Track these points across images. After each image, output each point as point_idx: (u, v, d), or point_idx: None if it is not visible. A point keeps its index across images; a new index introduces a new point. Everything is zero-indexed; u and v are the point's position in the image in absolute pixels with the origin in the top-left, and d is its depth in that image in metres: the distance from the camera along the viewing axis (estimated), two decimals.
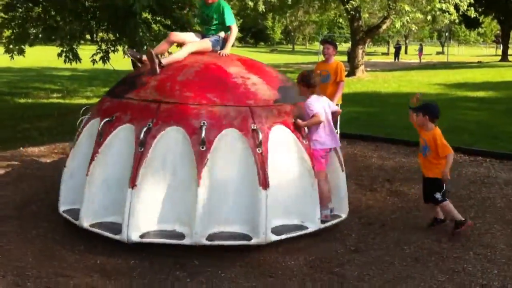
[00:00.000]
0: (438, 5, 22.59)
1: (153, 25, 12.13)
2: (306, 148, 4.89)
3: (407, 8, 22.14)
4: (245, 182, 4.62)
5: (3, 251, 4.55)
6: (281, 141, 4.80)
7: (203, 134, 4.50)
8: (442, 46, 68.47)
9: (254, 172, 4.59)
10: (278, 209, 4.73)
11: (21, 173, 6.69)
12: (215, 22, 5.59)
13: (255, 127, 4.65)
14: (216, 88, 4.86)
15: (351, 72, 25.05)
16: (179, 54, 5.38)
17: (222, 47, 5.61)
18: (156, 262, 4.50)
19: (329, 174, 5.20)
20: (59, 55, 11.21)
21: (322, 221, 4.95)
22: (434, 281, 4.15)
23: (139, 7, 9.33)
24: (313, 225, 4.88)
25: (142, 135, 4.54)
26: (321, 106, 5.07)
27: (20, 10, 12.13)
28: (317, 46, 58.55)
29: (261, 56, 53.24)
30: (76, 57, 11.11)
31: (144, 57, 5.49)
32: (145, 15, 11.50)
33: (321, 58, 8.81)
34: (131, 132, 4.69)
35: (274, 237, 4.63)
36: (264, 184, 4.56)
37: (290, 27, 79.50)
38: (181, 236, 4.58)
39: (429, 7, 23.09)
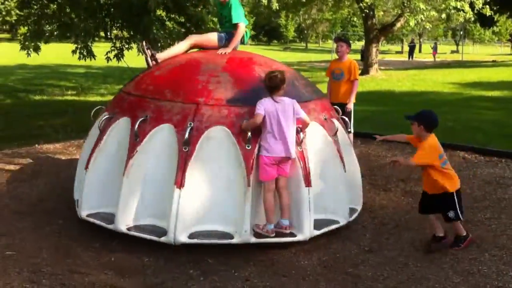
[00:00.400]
0: (453, 3, 22.39)
1: (167, 23, 12.16)
2: (245, 154, 4.59)
3: (421, 6, 21.99)
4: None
5: (18, 247, 4.59)
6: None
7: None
8: (457, 44, 67.97)
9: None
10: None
11: (36, 170, 6.73)
12: (227, 20, 5.58)
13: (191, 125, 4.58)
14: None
15: (365, 71, 24.94)
16: (179, 47, 5.40)
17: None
18: (170, 260, 4.51)
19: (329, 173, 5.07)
20: (74, 52, 11.28)
21: (257, 234, 4.60)
22: (449, 282, 4.12)
23: (153, 4, 9.37)
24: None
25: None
26: (274, 109, 4.54)
27: (35, 7, 12.22)
28: (330, 44, 58.32)
29: (274, 54, 53.18)
30: (91, 54, 11.18)
31: (159, 55, 5.51)
32: (159, 12, 11.54)
33: (334, 56, 8.79)
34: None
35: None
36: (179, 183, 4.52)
37: (303, 25, 79.32)
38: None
39: (443, 5, 22.90)
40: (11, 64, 28.30)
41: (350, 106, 7.23)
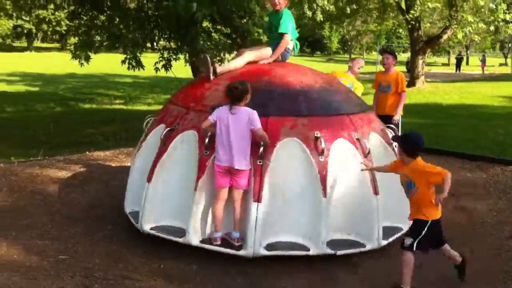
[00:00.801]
0: (501, 15, 21.95)
1: (213, 34, 12.30)
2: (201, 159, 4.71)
3: (469, 18, 21.61)
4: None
5: (71, 252, 4.70)
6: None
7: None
8: (505, 57, 66.24)
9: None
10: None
11: (87, 176, 6.90)
12: (276, 29, 5.59)
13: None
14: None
15: (411, 83, 24.58)
16: (236, 63, 5.41)
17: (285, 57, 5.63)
18: (218, 269, 4.53)
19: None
20: (123, 62, 11.52)
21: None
22: None
23: (200, 16, 9.49)
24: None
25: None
26: (226, 117, 4.54)
27: (85, 18, 12.57)
28: (374, 55, 57.81)
29: (318, 65, 53.05)
30: (139, 65, 11.39)
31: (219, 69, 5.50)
32: (206, 24, 11.68)
33: (379, 68, 8.71)
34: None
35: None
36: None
37: (347, 36, 78.89)
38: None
39: (492, 17, 22.48)
40: (61, 73, 29.15)
41: (397, 118, 7.18)
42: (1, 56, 45.26)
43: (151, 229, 4.87)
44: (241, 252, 4.52)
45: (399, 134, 6.92)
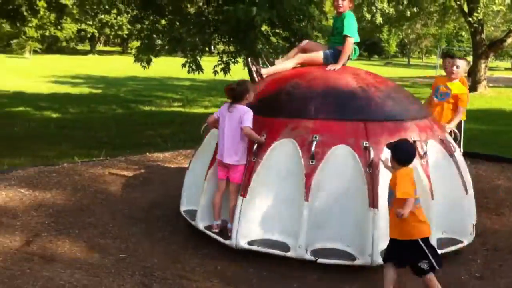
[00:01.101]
0: None
1: (272, 38, 12.36)
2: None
3: None
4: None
5: (132, 251, 4.83)
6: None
7: (313, 148, 4.51)
8: None
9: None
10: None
11: (147, 177, 7.06)
12: (338, 32, 5.53)
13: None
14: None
15: (473, 88, 23.86)
16: (284, 65, 5.42)
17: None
18: (274, 272, 4.55)
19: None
20: (183, 65, 11.74)
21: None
22: None
23: (260, 19, 9.55)
24: None
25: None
26: (225, 115, 4.87)
27: (147, 22, 12.91)
28: (434, 59, 56.51)
29: (375, 69, 52.21)
30: (199, 68, 11.59)
31: (264, 70, 5.57)
32: (265, 27, 11.76)
33: (439, 72, 8.25)
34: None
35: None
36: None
37: (406, 39, 77.41)
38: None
39: None
40: (122, 76, 29.99)
41: (448, 130, 6.11)
42: (65, 59, 47.06)
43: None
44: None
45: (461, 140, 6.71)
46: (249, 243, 4.67)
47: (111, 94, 21.22)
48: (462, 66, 6.44)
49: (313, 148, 4.51)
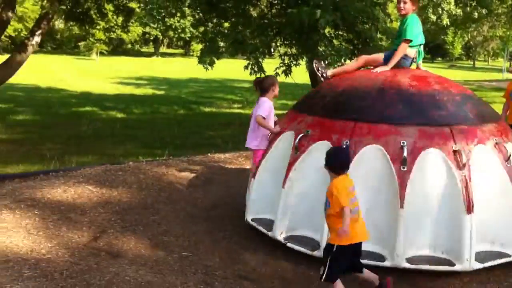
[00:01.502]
0: None
1: (334, 40, 12.25)
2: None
3: None
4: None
5: (193, 249, 4.91)
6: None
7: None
8: None
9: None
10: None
11: (209, 177, 7.16)
12: (398, 36, 5.45)
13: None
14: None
15: None
16: (348, 66, 5.47)
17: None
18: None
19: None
20: (245, 67, 11.80)
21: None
22: None
23: (324, 22, 9.49)
24: None
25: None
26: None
27: (210, 25, 13.08)
28: (501, 62, 54.52)
29: (439, 71, 50.77)
30: (261, 70, 11.62)
31: (329, 72, 5.58)
32: (327, 29, 11.68)
33: (507, 76, 8.05)
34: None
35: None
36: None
37: (471, 42, 75.05)
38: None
39: None
40: (184, 78, 30.54)
41: None
42: (130, 60, 48.41)
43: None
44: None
45: None
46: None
47: (173, 96, 21.65)
48: None
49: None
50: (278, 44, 12.50)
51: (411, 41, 5.27)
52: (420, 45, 5.45)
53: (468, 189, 4.38)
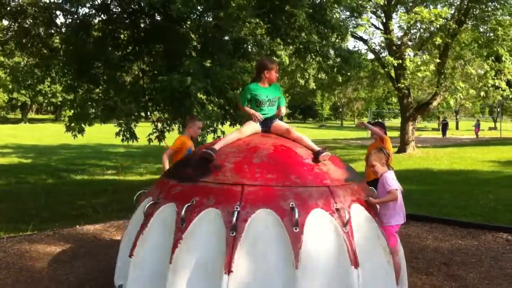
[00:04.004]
0: (490, 81, 22.60)
1: (207, 105, 12.52)
2: (379, 226, 4.87)
3: (461, 84, 22.23)
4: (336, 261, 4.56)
5: None
6: (359, 220, 4.76)
7: (296, 216, 4.45)
8: (495, 121, 67.38)
9: (344, 251, 4.53)
10: None
11: (76, 251, 6.82)
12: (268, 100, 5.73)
13: (338, 207, 4.63)
14: (293, 170, 4.87)
15: (402, 149, 24.89)
16: (232, 136, 5.39)
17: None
18: None
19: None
20: (117, 134, 11.63)
21: None
22: None
23: (194, 89, 9.69)
24: None
25: (234, 219, 4.41)
26: (396, 182, 5.16)
27: (81, 91, 12.84)
28: (366, 121, 58.58)
29: (310, 131, 53.63)
30: (133, 137, 11.52)
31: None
32: (200, 95, 11.93)
33: (370, 133, 8.77)
34: (217, 216, 4.54)
35: None
36: (355, 263, 4.48)
37: (338, 103, 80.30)
38: None
39: (481, 84, 23.13)
40: (54, 144, 29.33)
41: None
42: None
43: None
44: None
45: None
46: None
47: (42, 164, 20.64)
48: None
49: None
50: (151, 109, 12.50)
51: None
52: None
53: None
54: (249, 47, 12.82)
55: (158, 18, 12.48)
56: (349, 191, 4.93)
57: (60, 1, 12.42)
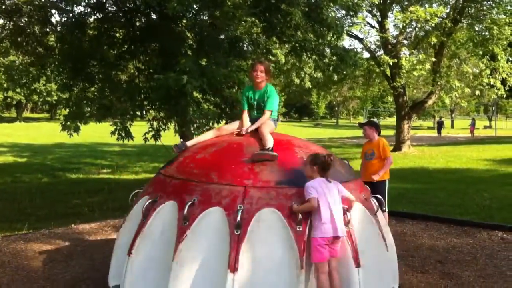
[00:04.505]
0: (485, 80, 22.65)
1: (203, 104, 12.51)
2: (296, 235, 4.49)
3: (457, 83, 22.28)
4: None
5: None
6: (269, 225, 4.57)
7: (238, 218, 4.42)
8: (490, 120, 67.60)
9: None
10: None
11: (72, 251, 6.81)
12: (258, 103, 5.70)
13: (241, 208, 4.52)
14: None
15: (397, 147, 24.92)
16: (270, 136, 5.23)
17: None
18: None
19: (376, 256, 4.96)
20: (112, 133, 11.59)
21: None
22: None
23: (190, 87, 9.67)
24: None
25: (238, 218, 4.41)
26: (322, 191, 4.53)
27: (76, 89, 12.81)
28: (361, 120, 58.65)
29: (305, 130, 53.71)
30: (129, 135, 11.48)
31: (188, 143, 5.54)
32: (196, 94, 11.91)
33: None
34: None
35: None
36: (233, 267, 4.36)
37: (334, 102, 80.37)
38: None
39: (476, 82, 23.18)
40: (49, 143, 29.24)
41: (376, 178, 7.23)
42: None
43: None
44: None
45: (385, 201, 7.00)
46: None
47: (37, 163, 20.58)
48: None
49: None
50: (147, 108, 12.48)
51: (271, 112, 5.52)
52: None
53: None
54: (245, 45, 12.81)
55: (154, 16, 12.45)
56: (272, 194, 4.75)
57: (56, 0, 12.39)
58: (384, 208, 6.43)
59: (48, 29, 13.16)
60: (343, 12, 18.60)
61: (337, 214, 4.50)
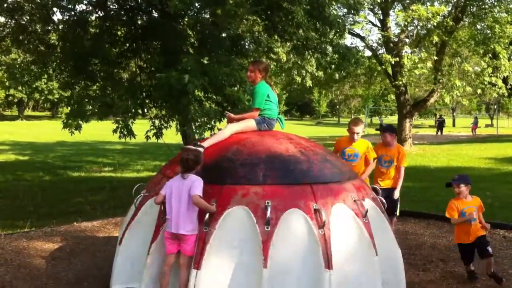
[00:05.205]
0: (487, 79, 22.60)
1: (205, 103, 12.50)
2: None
3: (457, 82, 22.25)
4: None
5: None
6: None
7: (268, 214, 4.43)
8: (491, 118, 67.55)
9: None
10: None
11: (74, 248, 6.82)
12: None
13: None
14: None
15: None
16: (221, 134, 5.34)
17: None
18: None
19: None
20: (114, 131, 11.58)
21: None
22: None
23: (192, 86, 9.66)
24: None
25: (268, 214, 4.43)
26: (174, 186, 4.66)
27: (78, 88, 12.81)
28: (363, 118, 58.62)
29: (307, 128, 53.70)
30: (131, 134, 11.47)
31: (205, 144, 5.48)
32: (197, 92, 11.91)
33: (367, 131, 8.66)
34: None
35: None
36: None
37: (335, 100, 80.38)
38: None
39: (478, 81, 23.15)
40: (51, 141, 29.26)
41: (397, 195, 7.24)
42: None
43: None
44: None
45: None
46: None
47: (39, 161, 20.59)
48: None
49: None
50: (149, 106, 12.48)
51: (259, 109, 5.50)
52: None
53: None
54: (247, 44, 12.80)
55: (155, 15, 12.45)
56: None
57: None
58: (396, 213, 6.57)
59: (50, 27, 13.15)
60: (345, 10, 18.61)
61: (179, 211, 4.57)
